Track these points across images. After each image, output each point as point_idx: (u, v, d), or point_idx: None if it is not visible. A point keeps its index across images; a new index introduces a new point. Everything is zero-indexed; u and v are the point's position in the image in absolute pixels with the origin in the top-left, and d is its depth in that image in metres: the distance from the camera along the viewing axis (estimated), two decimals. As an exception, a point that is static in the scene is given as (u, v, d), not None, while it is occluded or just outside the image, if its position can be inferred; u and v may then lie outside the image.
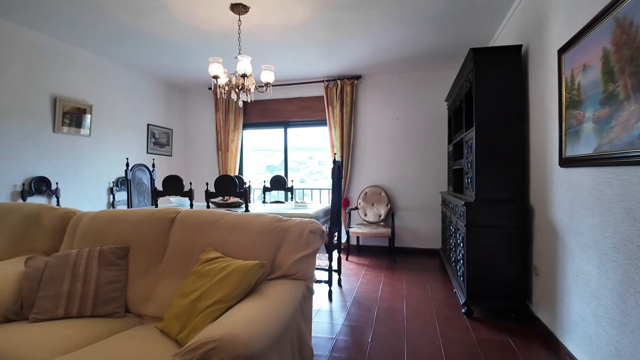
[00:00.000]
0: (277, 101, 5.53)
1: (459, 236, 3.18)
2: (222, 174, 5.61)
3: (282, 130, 5.63)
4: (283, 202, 4.10)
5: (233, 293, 1.48)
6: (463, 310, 2.85)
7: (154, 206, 3.23)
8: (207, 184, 3.13)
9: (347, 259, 4.67)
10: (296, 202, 3.64)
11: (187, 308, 1.52)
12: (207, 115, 5.89)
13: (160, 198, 3.28)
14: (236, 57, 3.02)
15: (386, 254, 4.94)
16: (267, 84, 3.17)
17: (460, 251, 3.13)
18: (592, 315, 1.89)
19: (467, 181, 3.19)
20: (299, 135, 5.70)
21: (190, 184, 3.26)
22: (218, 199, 3.67)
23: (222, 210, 2.01)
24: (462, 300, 2.86)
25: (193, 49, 4.07)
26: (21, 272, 1.86)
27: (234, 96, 3.12)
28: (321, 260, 4.36)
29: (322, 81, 5.22)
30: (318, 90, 5.34)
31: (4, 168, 3.31)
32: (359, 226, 4.79)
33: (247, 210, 2.98)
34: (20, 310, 1.72)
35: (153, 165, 4.13)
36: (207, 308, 1.46)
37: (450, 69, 4.77)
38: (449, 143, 4.49)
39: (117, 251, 1.93)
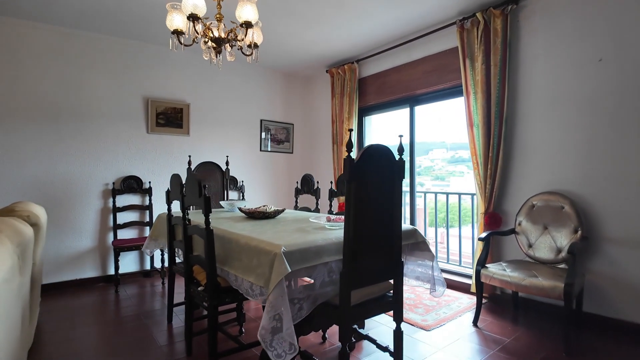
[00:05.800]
0: (398, 69, 3.94)
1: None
2: (337, 171, 4.57)
3: (406, 110, 3.99)
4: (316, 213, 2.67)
5: None
6: None
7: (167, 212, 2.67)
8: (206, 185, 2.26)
9: (475, 324, 2.64)
10: (328, 217, 2.19)
11: None
12: (325, 104, 4.98)
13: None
14: None
15: (566, 325, 2.47)
16: (246, 26, 1.96)
17: None
18: None
19: None
20: (426, 121, 3.90)
21: (205, 186, 2.48)
22: (252, 208, 2.74)
23: None
24: None
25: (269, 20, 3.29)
26: None
27: (206, 56, 2.11)
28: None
29: (454, 23, 3.27)
30: (450, 40, 3.40)
31: (96, 168, 3.62)
32: (505, 267, 2.63)
33: (207, 222, 1.91)
34: None
35: (227, 163, 3.65)
36: None
37: None
38: None
39: None
